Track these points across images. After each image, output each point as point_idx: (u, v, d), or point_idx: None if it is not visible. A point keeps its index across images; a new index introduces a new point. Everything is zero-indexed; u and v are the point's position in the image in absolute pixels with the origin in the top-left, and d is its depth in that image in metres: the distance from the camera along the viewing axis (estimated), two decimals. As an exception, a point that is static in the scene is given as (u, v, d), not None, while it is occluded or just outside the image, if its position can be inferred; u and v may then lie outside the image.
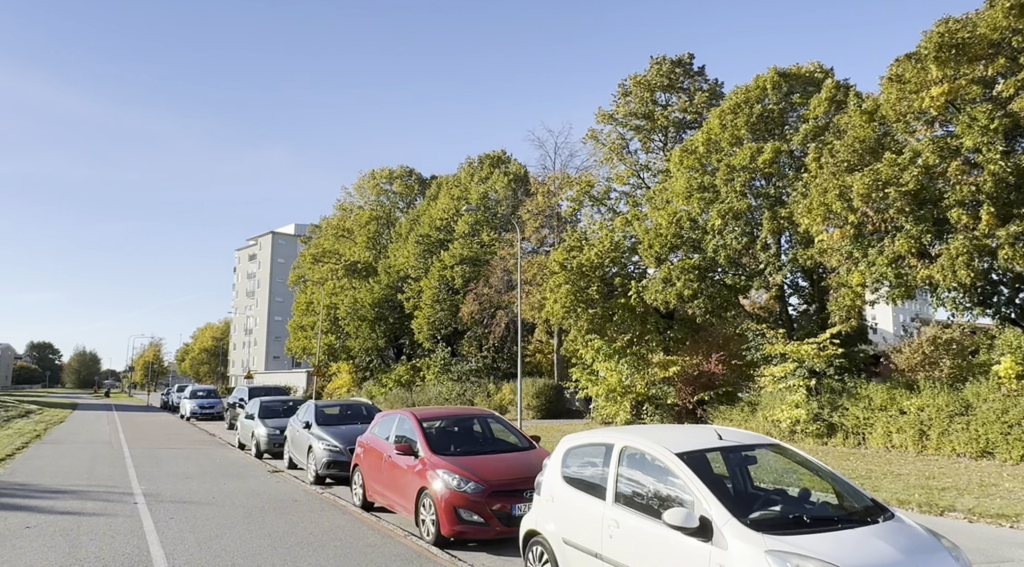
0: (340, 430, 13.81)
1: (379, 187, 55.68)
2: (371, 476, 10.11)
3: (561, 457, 6.12)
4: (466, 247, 40.89)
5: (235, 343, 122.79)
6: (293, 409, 19.72)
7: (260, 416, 18.70)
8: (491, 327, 37.51)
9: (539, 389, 35.67)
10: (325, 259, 54.48)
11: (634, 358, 25.63)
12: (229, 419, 28.27)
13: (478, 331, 40.19)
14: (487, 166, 43.89)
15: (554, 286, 27.66)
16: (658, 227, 23.39)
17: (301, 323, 64.97)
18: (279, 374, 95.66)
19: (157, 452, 18.11)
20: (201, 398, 35.27)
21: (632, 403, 26.00)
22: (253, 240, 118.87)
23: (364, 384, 54.56)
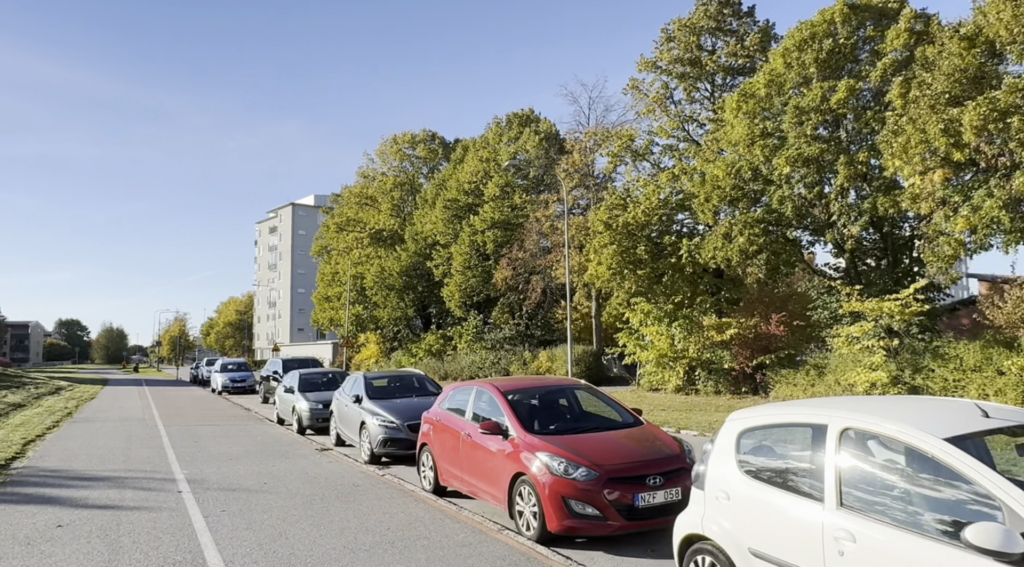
0: (395, 404, 12.54)
1: (402, 152, 54.02)
2: (445, 458, 8.80)
3: (735, 440, 4.68)
4: (497, 210, 39.31)
5: (259, 316, 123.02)
6: (333, 381, 18.61)
7: (300, 390, 17.56)
8: (526, 293, 36.10)
9: (578, 356, 34.33)
10: (349, 228, 53.22)
11: (686, 321, 24.14)
12: (263, 393, 27.32)
13: (512, 298, 38.83)
14: (516, 126, 42.03)
15: (598, 247, 26.11)
16: (714, 179, 21.64)
17: (326, 294, 64.15)
18: (304, 346, 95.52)
19: (194, 430, 17.06)
20: (232, 372, 34.43)
21: (684, 369, 24.60)
22: (273, 212, 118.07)
23: (393, 354, 53.73)
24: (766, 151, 19.86)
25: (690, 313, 24.61)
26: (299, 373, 18.47)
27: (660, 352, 24.62)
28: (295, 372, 18.89)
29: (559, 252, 33.05)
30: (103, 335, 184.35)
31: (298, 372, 18.61)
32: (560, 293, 36.18)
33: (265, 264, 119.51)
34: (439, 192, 47.94)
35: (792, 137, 19.13)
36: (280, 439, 15.28)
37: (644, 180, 28.02)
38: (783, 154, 19.19)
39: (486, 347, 40.88)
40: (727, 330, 23.09)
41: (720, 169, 21.63)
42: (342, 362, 69.23)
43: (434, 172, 55.35)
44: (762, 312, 24.30)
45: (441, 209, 43.24)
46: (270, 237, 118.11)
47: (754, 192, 21.16)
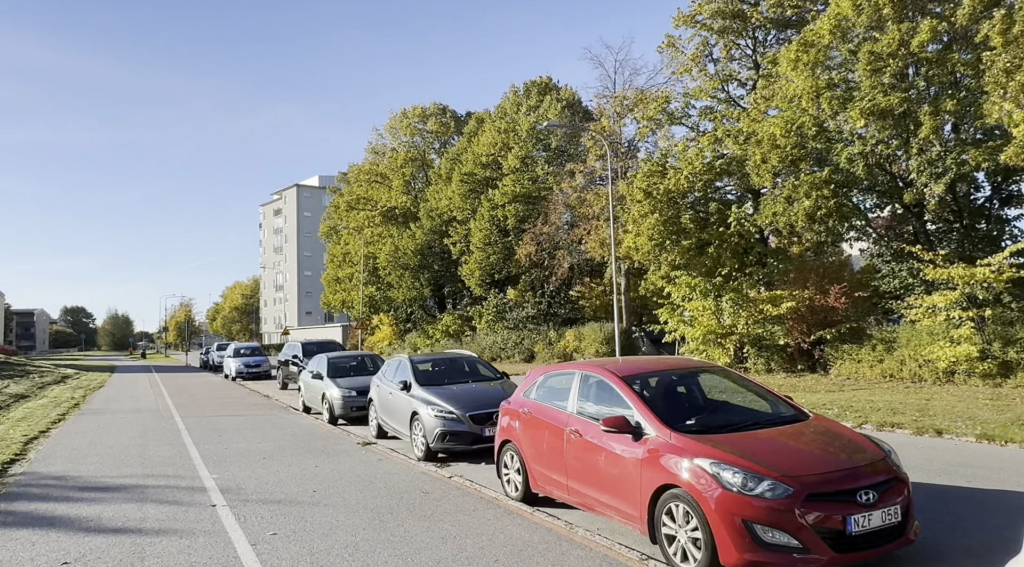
0: (452, 392, 10.82)
1: (412, 127, 51.99)
2: (541, 460, 7.09)
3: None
4: (518, 183, 37.41)
5: (265, 300, 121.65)
6: (363, 366, 16.97)
7: (330, 375, 15.90)
8: (551, 269, 34.32)
9: (607, 335, 32.68)
10: (360, 206, 51.37)
11: (735, 295, 22.35)
12: (282, 378, 25.71)
13: (535, 275, 37.07)
14: (535, 94, 39.98)
15: (638, 216, 24.27)
16: (771, 138, 19.71)
17: (336, 275, 62.58)
18: (313, 330, 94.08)
19: (215, 422, 15.41)
20: (246, 356, 32.83)
21: (735, 346, 22.88)
22: (277, 194, 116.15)
23: (407, 336, 52.22)
24: (834, 104, 17.91)
25: (739, 286, 22.83)
26: (327, 357, 16.79)
27: (707, 329, 22.87)
28: (322, 356, 17.20)
29: (588, 225, 31.23)
30: (109, 322, 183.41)
31: (325, 356, 16.92)
32: (588, 269, 34.42)
33: (271, 247, 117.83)
34: (453, 166, 46.02)
35: (866, 86, 17.19)
36: (313, 431, 13.62)
37: (683, 144, 26.07)
38: (856, 106, 17.25)
39: (508, 327, 39.26)
40: (783, 303, 21.32)
41: (777, 127, 19.69)
42: (355, 344, 67.84)
43: (446, 146, 53.39)
44: (816, 283, 22.54)
45: (457, 183, 41.34)
46: (275, 220, 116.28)
47: (817, 150, 19.25)
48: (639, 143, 30.45)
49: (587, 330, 33.82)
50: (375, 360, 17.49)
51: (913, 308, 17.93)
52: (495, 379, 11.79)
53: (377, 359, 17.58)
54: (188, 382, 31.12)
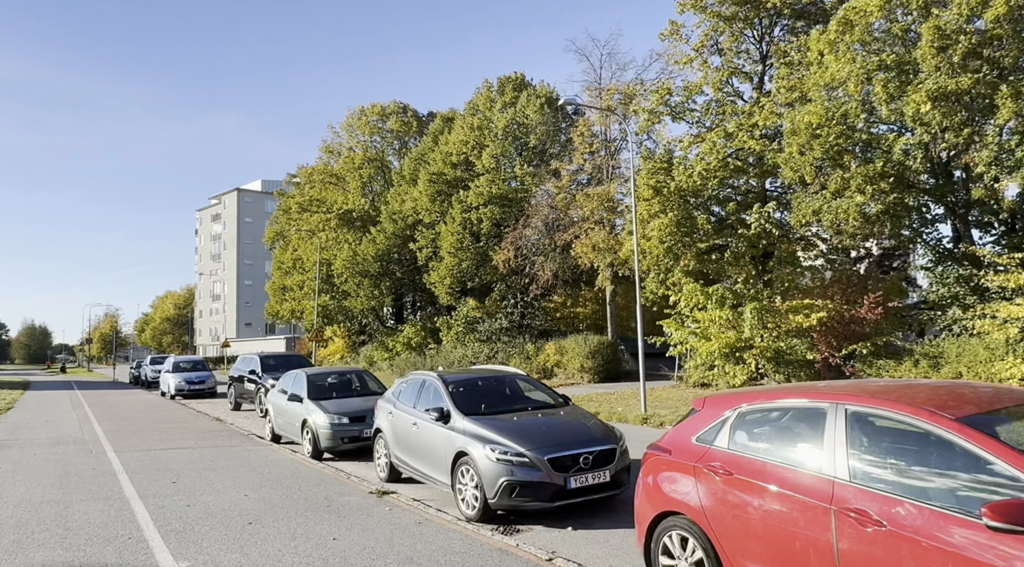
0: (515, 425, 7.84)
1: (371, 125, 48.66)
2: (756, 541, 4.27)
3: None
4: (493, 184, 34.63)
5: (201, 310, 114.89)
6: (349, 384, 13.88)
7: (312, 397, 12.68)
8: (533, 276, 31.58)
9: (593, 348, 30.17)
10: (313, 208, 47.55)
11: (758, 304, 20.09)
12: (234, 397, 22.04)
13: (513, 282, 34.27)
14: (510, 90, 37.38)
15: (647, 216, 21.80)
16: (810, 127, 17.55)
17: (283, 284, 58.30)
18: (255, 341, 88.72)
19: (162, 458, 11.94)
20: (187, 371, 28.78)
21: (755, 361, 20.57)
22: (216, 199, 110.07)
23: (362, 349, 48.64)
24: (891, 87, 15.85)
25: (758, 294, 20.60)
26: (306, 374, 13.52)
27: (725, 342, 20.52)
28: (299, 373, 13.92)
29: (577, 228, 28.67)
30: (24, 333, 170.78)
31: (304, 373, 13.65)
32: (573, 276, 31.82)
33: (208, 254, 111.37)
34: (418, 166, 42.91)
35: (930, 66, 15.17)
36: (298, 471, 10.40)
37: (688, 139, 23.80)
38: (919, 89, 15.21)
39: (480, 339, 36.26)
40: (814, 313, 19.16)
41: (814, 115, 17.54)
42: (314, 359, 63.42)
43: (406, 147, 50.26)
44: (842, 292, 20.55)
45: (425, 184, 38.24)
46: (213, 225, 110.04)
47: (862, 142, 17.18)
48: (641, 138, 28.13)
49: (570, 343, 31.20)
50: (363, 378, 14.33)
51: (982, 318, 15.93)
52: (558, 405, 8.89)
53: (366, 376, 14.41)
54: (119, 401, 26.89)
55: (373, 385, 13.91)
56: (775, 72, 21.96)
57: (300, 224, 46.60)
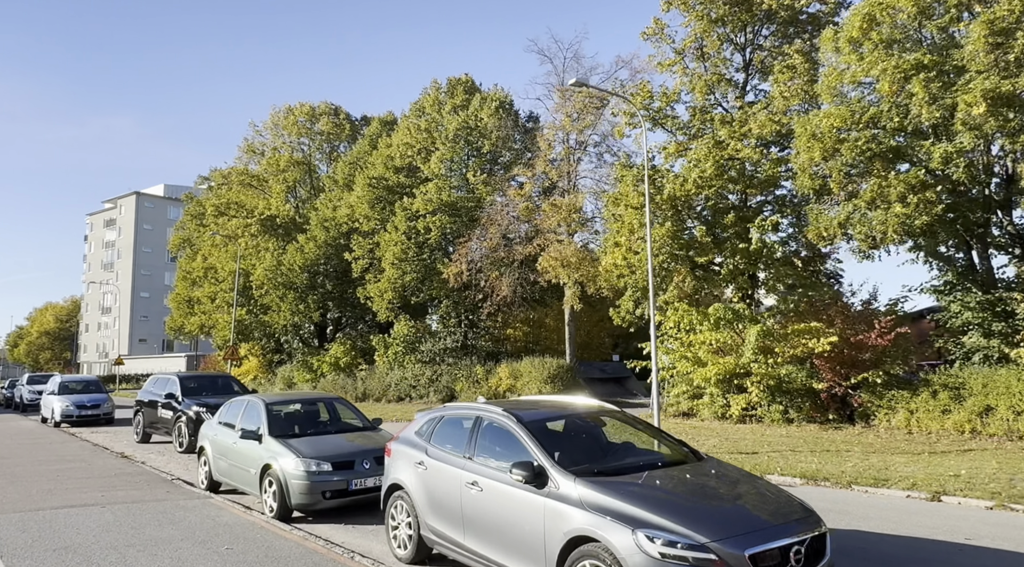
0: (669, 494, 5.10)
1: (299, 126, 44.73)
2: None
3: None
4: (443, 191, 31.75)
5: (88, 324, 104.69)
6: (315, 416, 10.77)
7: (275, 434, 9.47)
8: (490, 292, 28.78)
9: (552, 372, 27.74)
10: (232, 212, 42.91)
11: (762, 327, 18.21)
12: (142, 426, 17.93)
13: (464, 298, 31.37)
14: (460, 92, 34.79)
15: (637, 226, 19.61)
16: (833, 131, 15.89)
17: (189, 296, 52.83)
18: (151, 359, 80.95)
19: (57, 525, 8.33)
20: (78, 393, 24.02)
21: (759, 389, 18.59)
22: (111, 203, 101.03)
23: (280, 370, 44.26)
24: (933, 88, 14.36)
25: (763, 315, 18.77)
26: (263, 402, 10.17)
27: (723, 368, 18.47)
28: (251, 400, 10.54)
29: (544, 239, 26.21)
30: None
31: (260, 400, 10.29)
32: (534, 293, 29.27)
33: (98, 263, 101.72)
34: (354, 171, 39.46)
35: (982, 64, 13.78)
36: (269, 548, 7.17)
37: (675, 146, 21.92)
38: (970, 90, 13.76)
39: (422, 360, 33.06)
40: (823, 338, 17.43)
41: (837, 118, 15.92)
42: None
43: (335, 152, 46.62)
44: (842, 315, 19.05)
45: (363, 189, 34.85)
46: (106, 232, 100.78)
47: (891, 148, 15.64)
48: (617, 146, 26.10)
49: (525, 366, 28.58)
50: (335, 407, 11.07)
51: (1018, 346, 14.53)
52: (687, 460, 6.14)
53: (340, 404, 11.18)
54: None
55: (350, 417, 10.72)
56: (774, 77, 20.47)
57: (220, 228, 41.83)
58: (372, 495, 8.69)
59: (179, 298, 54.76)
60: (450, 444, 6.58)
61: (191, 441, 15.60)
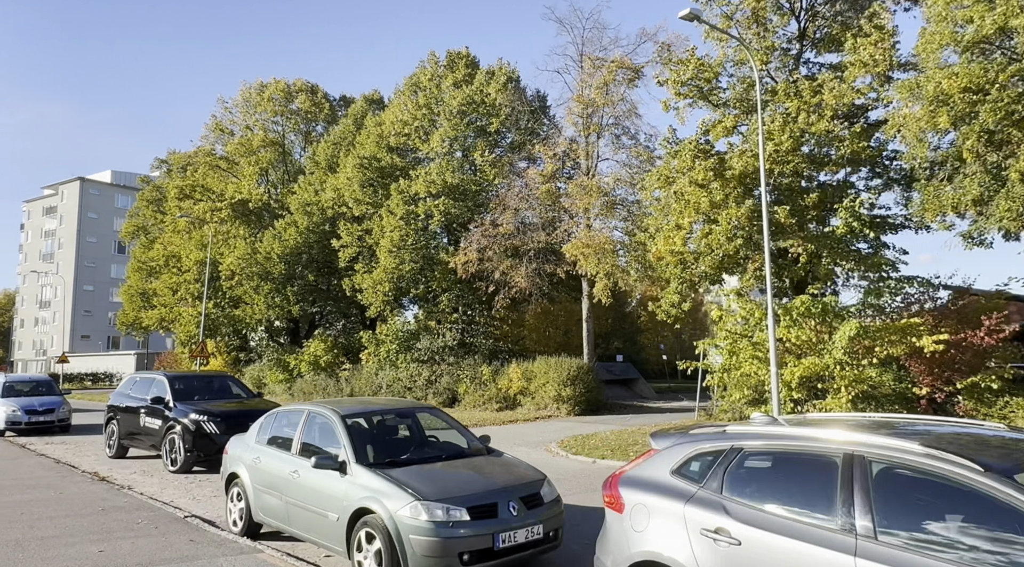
0: None
1: (274, 103, 40.98)
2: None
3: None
4: (447, 171, 28.74)
5: (22, 319, 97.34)
6: (415, 437, 7.76)
7: (367, 462, 6.46)
8: (501, 283, 25.86)
9: (571, 373, 25.13)
10: (198, 195, 38.87)
11: (857, 323, 15.86)
12: (117, 437, 14.45)
13: (471, 290, 28.42)
14: (462, 66, 31.81)
15: (707, 208, 17.03)
16: (959, 92, 13.61)
17: (144, 288, 48.50)
18: (96, 357, 75.23)
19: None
20: (27, 395, 20.17)
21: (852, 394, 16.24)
22: (51, 188, 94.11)
23: (247, 368, 40.54)
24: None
25: (857, 309, 16.44)
26: (337, 414, 7.13)
27: (809, 369, 16.07)
28: (315, 409, 7.47)
29: (570, 224, 23.49)
30: None
31: (331, 411, 7.23)
32: (553, 285, 26.53)
33: (36, 253, 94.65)
34: (337, 151, 36.10)
35: None
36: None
37: (731, 119, 19.48)
38: None
39: (420, 359, 29.97)
40: (928, 336, 15.16)
41: (965, 77, 13.62)
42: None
43: (312, 133, 43.03)
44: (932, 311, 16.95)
45: (354, 170, 31.53)
46: (45, 220, 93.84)
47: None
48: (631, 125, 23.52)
49: (539, 366, 25.85)
50: (417, 421, 8.08)
51: None
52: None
53: (433, 415, 8.18)
54: (-88, 440, 17.91)
55: (458, 437, 7.73)
56: (849, 43, 18.21)
57: (186, 211, 37.74)
58: (524, 555, 5.88)
59: (132, 290, 50.24)
60: (763, 493, 3.80)
61: (187, 457, 12.38)
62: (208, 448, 12.35)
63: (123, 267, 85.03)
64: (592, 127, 24.03)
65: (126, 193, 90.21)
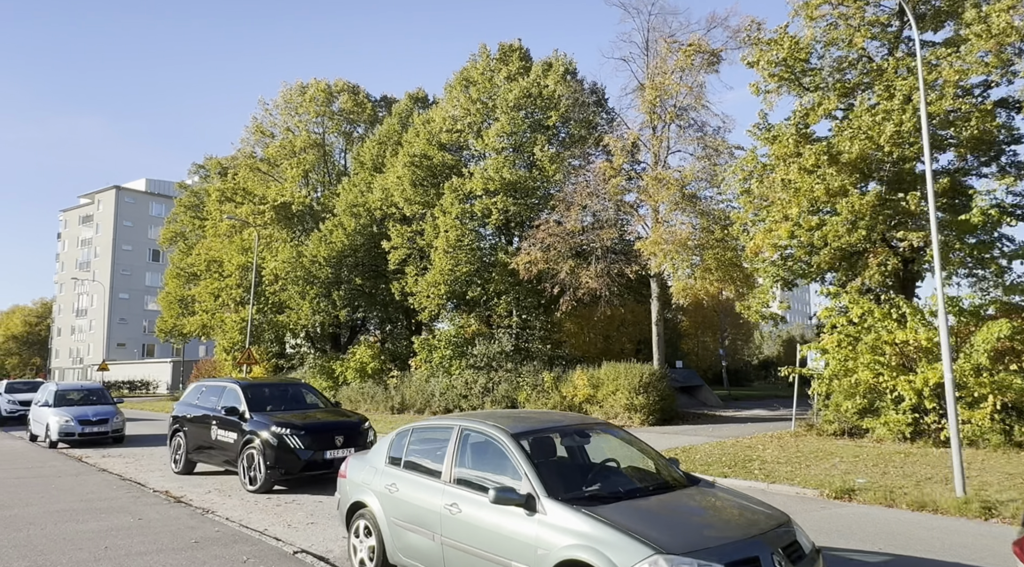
0: None
1: (315, 104, 40.00)
2: None
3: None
4: (505, 168, 27.35)
5: (59, 328, 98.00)
6: (621, 464, 6.25)
7: (559, 496, 4.99)
8: (568, 284, 24.35)
9: (643, 380, 23.54)
10: (239, 198, 37.97)
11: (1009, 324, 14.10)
12: (183, 453, 13.19)
13: (530, 292, 26.98)
14: (516, 59, 30.48)
15: (823, 195, 15.37)
16: None
17: (181, 294, 47.87)
18: (133, 365, 75.23)
19: None
20: (80, 404, 19.10)
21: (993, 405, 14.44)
22: (88, 197, 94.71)
23: (288, 376, 39.36)
24: None
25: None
26: (506, 431, 5.63)
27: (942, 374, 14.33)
28: (482, 427, 5.99)
29: (638, 220, 21.96)
30: None
31: (498, 427, 5.74)
32: (624, 286, 24.99)
33: (72, 262, 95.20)
34: (383, 151, 34.95)
35: None
36: None
37: (833, 100, 17.79)
38: None
39: (476, 366, 28.56)
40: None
41: None
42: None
43: (353, 134, 41.97)
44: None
45: (404, 169, 30.29)
46: (82, 229, 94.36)
47: None
48: (697, 116, 21.93)
49: (607, 372, 24.28)
50: (590, 439, 6.59)
51: None
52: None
53: (609, 433, 6.65)
54: (-38, 453, 16.87)
55: (643, 460, 6.21)
56: (973, 13, 16.48)
57: (229, 214, 36.81)
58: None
59: (170, 297, 49.66)
60: None
61: (268, 475, 11.04)
62: (292, 465, 11.01)
63: (157, 275, 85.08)
64: (669, 115, 22.44)
65: (160, 201, 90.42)
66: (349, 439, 11.49)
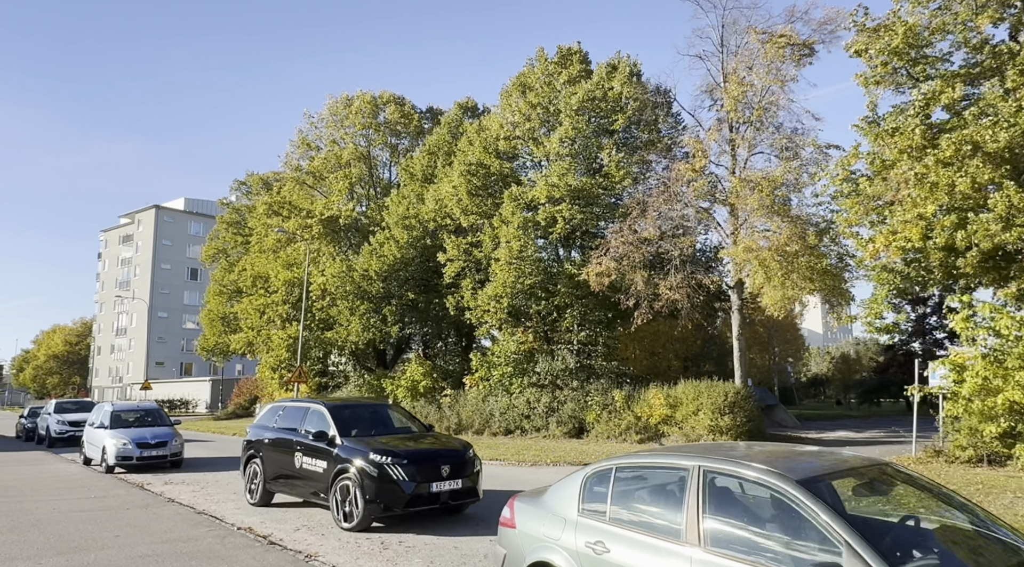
0: None
1: (361, 116, 39.11)
2: None
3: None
4: (570, 174, 25.93)
5: (99, 347, 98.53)
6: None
7: (870, 556, 3.34)
8: (644, 296, 22.71)
9: (729, 399, 21.86)
10: (286, 212, 37.09)
11: None
12: (260, 482, 11.75)
13: (598, 305, 25.41)
14: (576, 62, 29.18)
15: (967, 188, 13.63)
16: None
17: (223, 312, 47.11)
18: (174, 383, 74.94)
19: None
20: (135, 426, 17.92)
21: None
22: (128, 217, 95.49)
23: (332, 395, 38.09)
24: None
25: None
26: (781, 472, 4.14)
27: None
28: (743, 470, 4.49)
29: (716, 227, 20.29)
30: None
31: (765, 468, 4.26)
32: (707, 297, 23.29)
33: (112, 281, 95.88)
34: (434, 161, 33.84)
35: None
36: None
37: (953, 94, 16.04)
38: None
39: (539, 384, 27.02)
40: None
41: None
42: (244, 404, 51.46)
43: (399, 146, 41.00)
44: None
45: (460, 177, 29.04)
46: (122, 248, 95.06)
47: None
48: (777, 107, 20.28)
49: (687, 390, 22.60)
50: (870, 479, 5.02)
51: None
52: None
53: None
54: (10, 482, 15.67)
55: (933, 502, 4.63)
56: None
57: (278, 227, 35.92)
58: None
59: (212, 315, 49.03)
60: None
61: (367, 511, 9.55)
62: (394, 499, 9.52)
63: (195, 293, 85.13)
64: (756, 112, 20.83)
65: (198, 220, 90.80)
66: (456, 469, 9.98)
